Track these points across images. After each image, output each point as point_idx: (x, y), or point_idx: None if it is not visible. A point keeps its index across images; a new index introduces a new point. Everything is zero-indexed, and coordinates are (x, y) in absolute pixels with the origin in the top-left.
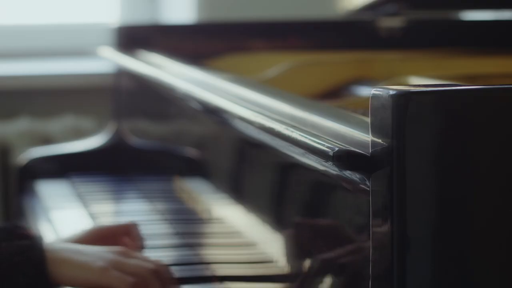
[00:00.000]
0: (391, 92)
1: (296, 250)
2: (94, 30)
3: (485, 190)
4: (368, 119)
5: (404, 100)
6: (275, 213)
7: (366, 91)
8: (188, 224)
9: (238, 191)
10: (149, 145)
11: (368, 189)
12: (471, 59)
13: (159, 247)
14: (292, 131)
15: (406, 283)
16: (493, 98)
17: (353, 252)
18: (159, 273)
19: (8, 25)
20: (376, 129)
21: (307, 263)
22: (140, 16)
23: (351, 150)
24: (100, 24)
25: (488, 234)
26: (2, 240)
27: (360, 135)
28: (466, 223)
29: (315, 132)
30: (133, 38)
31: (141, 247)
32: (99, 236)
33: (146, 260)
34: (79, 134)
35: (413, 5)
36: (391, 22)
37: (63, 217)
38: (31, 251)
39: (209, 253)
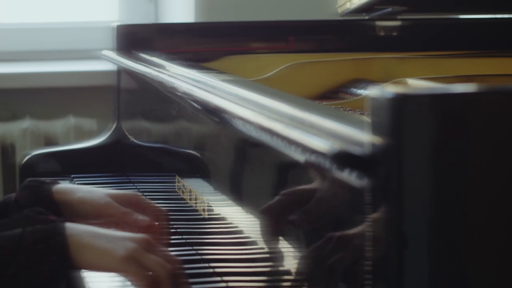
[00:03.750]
0: (390, 93)
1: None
2: (93, 30)
3: (482, 189)
4: (367, 119)
5: (402, 101)
6: None
7: (364, 92)
8: (188, 223)
9: (238, 191)
10: (149, 144)
11: (367, 188)
12: (468, 60)
13: None
14: (291, 131)
15: (404, 281)
16: (489, 99)
17: (352, 251)
18: (175, 275)
19: (6, 25)
20: (375, 129)
21: (305, 261)
22: (139, 18)
23: (351, 150)
24: (100, 22)
25: (485, 232)
26: (25, 226)
27: (359, 135)
28: (463, 222)
29: (314, 132)
30: (133, 38)
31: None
32: (129, 201)
33: (167, 256)
34: (81, 134)
35: (408, 9)
36: (388, 23)
37: None
38: (54, 238)
39: (209, 252)
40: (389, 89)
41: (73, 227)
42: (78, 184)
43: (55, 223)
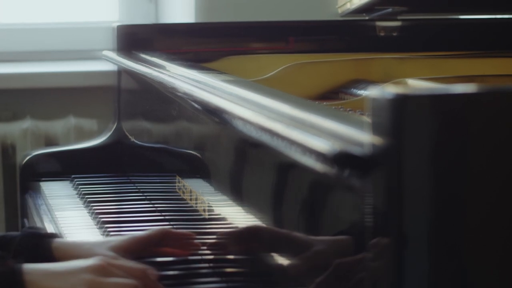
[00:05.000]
0: (390, 94)
1: (295, 250)
2: (94, 30)
3: (482, 189)
4: (367, 120)
5: (402, 101)
6: (275, 213)
7: (364, 92)
8: (189, 223)
9: (238, 191)
10: (149, 145)
11: (367, 189)
12: (468, 60)
13: None
14: (292, 131)
15: (404, 282)
16: (489, 99)
17: (352, 252)
18: (143, 285)
19: (6, 25)
20: (375, 130)
21: (305, 261)
22: (139, 18)
23: (351, 150)
24: (101, 22)
25: (485, 232)
26: None
27: (359, 136)
28: (463, 222)
29: (314, 132)
30: (133, 38)
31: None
32: (140, 244)
33: (130, 270)
34: (81, 135)
35: (408, 10)
36: (388, 24)
37: (66, 217)
38: (13, 286)
39: (209, 252)
40: (389, 90)
41: (30, 272)
42: (78, 184)
43: (13, 269)
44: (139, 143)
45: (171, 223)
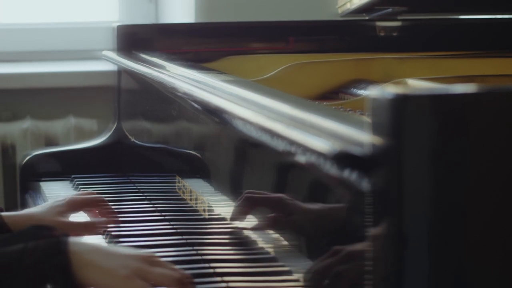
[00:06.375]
0: (391, 94)
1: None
2: (94, 30)
3: (482, 189)
4: (367, 120)
5: (402, 101)
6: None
7: (364, 92)
8: (189, 223)
9: (238, 191)
10: (149, 145)
11: (367, 188)
12: (468, 60)
13: (159, 246)
14: (292, 131)
15: (404, 281)
16: (489, 99)
17: (352, 252)
18: (183, 282)
19: (6, 25)
20: (375, 130)
21: (305, 262)
22: (139, 18)
23: (351, 150)
24: (101, 23)
25: (485, 233)
26: (28, 241)
27: (359, 136)
28: (463, 222)
29: (314, 132)
30: (133, 38)
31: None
32: (74, 206)
33: (171, 268)
34: (81, 135)
35: (409, 10)
36: (388, 24)
37: None
38: (57, 256)
39: (210, 252)
40: (389, 90)
41: (77, 244)
42: (78, 184)
43: (58, 240)
44: (139, 143)
45: (171, 223)
